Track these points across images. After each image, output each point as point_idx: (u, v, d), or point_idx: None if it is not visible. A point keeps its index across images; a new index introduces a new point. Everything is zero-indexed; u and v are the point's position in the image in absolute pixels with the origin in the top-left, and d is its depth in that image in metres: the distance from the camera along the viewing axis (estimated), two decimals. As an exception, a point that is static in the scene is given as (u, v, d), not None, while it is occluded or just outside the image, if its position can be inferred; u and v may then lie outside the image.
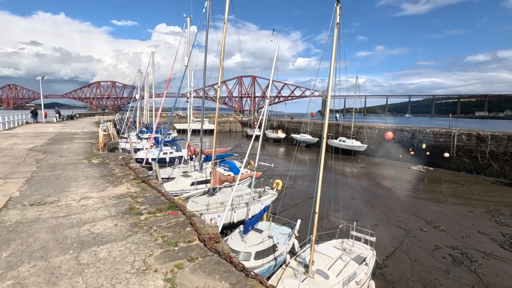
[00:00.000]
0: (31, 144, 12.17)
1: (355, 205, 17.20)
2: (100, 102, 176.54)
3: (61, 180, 6.33)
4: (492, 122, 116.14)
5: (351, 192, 20.63)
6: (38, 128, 21.51)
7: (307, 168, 30.76)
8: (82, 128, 22.66)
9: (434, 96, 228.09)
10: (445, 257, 10.76)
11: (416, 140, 30.20)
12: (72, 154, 9.81)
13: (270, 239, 9.29)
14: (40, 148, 10.98)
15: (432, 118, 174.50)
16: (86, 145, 12.40)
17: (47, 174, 6.89)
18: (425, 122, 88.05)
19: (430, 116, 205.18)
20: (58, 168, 7.60)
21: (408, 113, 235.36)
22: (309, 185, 22.14)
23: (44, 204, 4.80)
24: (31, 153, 9.73)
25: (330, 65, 6.31)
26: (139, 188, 5.79)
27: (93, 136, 16.18)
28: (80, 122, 31.69)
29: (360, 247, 9.32)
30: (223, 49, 11.52)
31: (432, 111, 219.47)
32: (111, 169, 7.46)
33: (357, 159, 34.74)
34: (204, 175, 14.70)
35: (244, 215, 12.74)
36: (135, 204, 4.80)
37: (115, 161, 8.52)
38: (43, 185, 5.94)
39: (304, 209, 16.22)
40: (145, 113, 44.11)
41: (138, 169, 7.22)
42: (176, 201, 4.80)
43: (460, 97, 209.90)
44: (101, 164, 8.12)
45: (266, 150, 44.68)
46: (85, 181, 6.32)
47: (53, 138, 14.66)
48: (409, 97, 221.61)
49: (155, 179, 6.50)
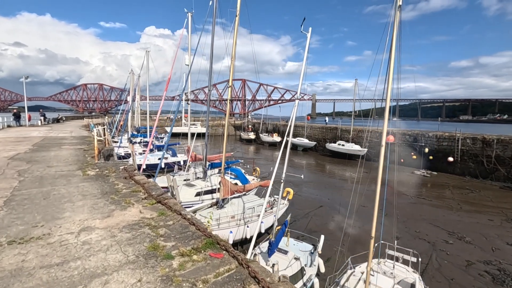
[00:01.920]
0: (12, 151, 10.57)
1: (368, 214, 16.12)
2: (87, 105, 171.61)
3: (51, 201, 4.94)
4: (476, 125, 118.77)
5: (358, 199, 19.66)
6: (21, 132, 19.65)
7: (308, 173, 29.70)
8: (71, 132, 20.91)
9: (420, 100, 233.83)
10: (483, 275, 9.78)
11: (419, 144, 29.66)
12: (62, 164, 8.34)
13: (297, 261, 8.07)
14: (23, 156, 9.43)
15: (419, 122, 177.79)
16: (77, 152, 10.88)
17: (32, 191, 5.47)
18: (412, 125, 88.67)
19: (417, 120, 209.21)
20: (46, 182, 6.17)
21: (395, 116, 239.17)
22: (316, 192, 21.07)
23: (29, 241, 3.44)
24: (13, 163, 8.20)
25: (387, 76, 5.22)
26: (155, 211, 4.47)
27: (84, 141, 14.59)
28: (67, 126, 29.71)
29: (402, 270, 8.20)
30: (234, 43, 10.30)
31: (419, 115, 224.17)
32: (113, 184, 6.08)
33: (356, 163, 33.94)
34: (209, 184, 13.35)
35: (256, 230, 11.49)
36: (158, 239, 3.50)
37: (116, 173, 7.13)
38: (27, 208, 4.54)
39: (316, 220, 15.07)
40: (136, 116, 42.28)
41: (147, 184, 5.88)
42: (216, 237, 3.52)
43: (445, 102, 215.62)
44: (99, 177, 6.72)
45: (261, 154, 43.56)
46: (83, 201, 4.94)
47: (39, 144, 13.03)
48: (397, 101, 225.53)
49: (172, 197, 5.20)
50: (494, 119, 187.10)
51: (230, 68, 10.38)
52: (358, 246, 12.32)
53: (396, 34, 4.95)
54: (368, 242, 9.99)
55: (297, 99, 7.12)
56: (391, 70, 5.09)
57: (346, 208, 17.52)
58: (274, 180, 17.13)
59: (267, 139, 51.42)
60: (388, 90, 5.33)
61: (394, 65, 4.96)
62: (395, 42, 4.97)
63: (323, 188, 22.17)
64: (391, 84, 5.22)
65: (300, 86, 7.03)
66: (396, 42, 4.97)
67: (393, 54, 5.01)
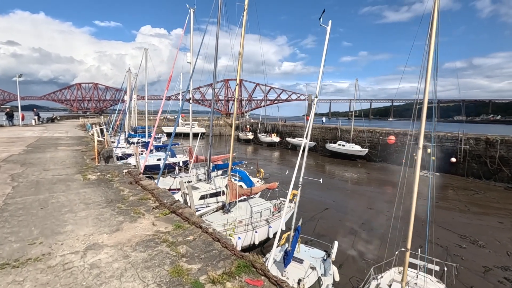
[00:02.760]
0: (5, 152, 9.90)
1: (376, 217, 15.75)
2: (82, 104, 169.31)
3: (50, 211, 4.36)
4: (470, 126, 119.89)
5: (364, 200, 19.29)
6: (14, 132, 18.87)
7: (309, 174, 29.21)
8: (66, 132, 20.16)
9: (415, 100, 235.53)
10: (503, 282, 9.39)
11: (420, 144, 29.38)
12: (60, 167, 7.72)
13: (313, 271, 7.55)
14: (17, 158, 8.78)
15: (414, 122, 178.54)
16: (75, 153, 10.25)
17: (27, 199, 4.87)
18: (407, 126, 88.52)
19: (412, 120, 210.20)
20: (43, 188, 5.57)
21: (391, 117, 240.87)
22: (319, 194, 20.60)
23: (26, 263, 2.87)
24: (5, 166, 7.56)
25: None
26: (170, 224, 3.92)
27: (81, 142, 13.93)
28: (62, 125, 28.88)
29: (426, 280, 7.73)
30: (242, 39, 9.77)
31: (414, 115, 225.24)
32: (118, 190, 5.51)
33: (357, 164, 33.64)
34: (213, 186, 12.78)
35: (265, 234, 10.97)
36: (180, 261, 2.95)
37: (120, 177, 6.54)
38: (22, 220, 3.96)
39: (323, 223, 14.58)
40: (133, 116, 41.51)
41: (156, 190, 5.32)
42: (249, 257, 2.98)
43: (439, 102, 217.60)
44: (101, 182, 6.14)
45: (260, 154, 43.03)
46: (86, 211, 4.37)
47: (33, 145, 12.35)
48: (392, 102, 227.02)
49: (185, 205, 4.65)
50: (488, 120, 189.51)
51: (238, 65, 9.85)
52: (369, 251, 11.91)
53: (436, 26, 4.48)
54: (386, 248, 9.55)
55: (315, 98, 6.61)
56: (430, 65, 4.62)
57: (352, 210, 17.15)
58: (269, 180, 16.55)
59: (265, 139, 50.89)
60: (426, 88, 4.85)
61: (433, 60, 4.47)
62: (434, 35, 4.49)
63: (326, 190, 21.70)
64: (429, 81, 4.74)
65: (319, 83, 6.53)
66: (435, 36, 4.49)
67: (432, 48, 4.52)
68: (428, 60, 4.55)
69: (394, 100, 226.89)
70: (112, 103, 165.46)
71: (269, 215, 11.41)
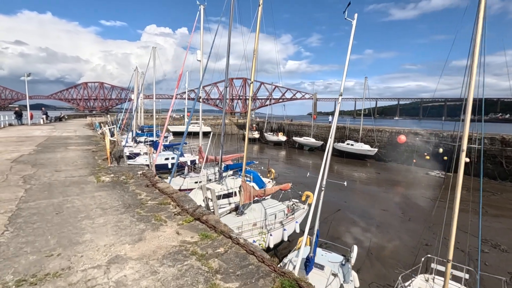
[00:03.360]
0: (15, 152, 9.71)
1: (390, 219, 15.30)
2: (88, 103, 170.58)
3: (65, 217, 4.08)
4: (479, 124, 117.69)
5: (376, 201, 18.81)
6: (23, 131, 18.80)
7: (316, 173, 28.73)
8: (74, 131, 20.05)
9: (422, 99, 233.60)
10: (531, 289, 8.93)
11: (432, 144, 28.76)
12: (72, 167, 7.47)
13: (335, 278, 7.21)
14: (27, 159, 8.57)
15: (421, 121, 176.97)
16: (85, 153, 10.02)
17: (41, 203, 4.61)
18: (414, 124, 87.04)
19: (418, 119, 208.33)
20: (57, 191, 5.31)
21: (397, 115, 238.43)
22: (330, 194, 20.18)
23: (44, 279, 2.58)
24: (16, 167, 7.34)
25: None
26: (195, 233, 3.61)
27: (90, 141, 13.73)
28: (70, 124, 28.86)
29: (456, 290, 7.34)
30: (257, 35, 9.42)
31: (420, 114, 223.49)
32: (134, 194, 5.22)
33: (366, 164, 33.12)
34: (225, 187, 12.48)
35: (279, 237, 10.65)
36: (215, 278, 2.63)
37: (135, 179, 6.26)
38: (37, 228, 3.68)
39: (336, 225, 14.18)
40: (140, 115, 41.44)
41: (175, 194, 5.01)
42: (292, 274, 2.65)
43: (446, 101, 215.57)
44: (116, 184, 5.86)
45: (266, 153, 42.65)
46: (104, 217, 4.08)
47: (43, 144, 12.18)
48: (398, 100, 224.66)
49: (208, 211, 4.33)
50: (496, 118, 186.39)
51: (253, 62, 9.50)
52: (387, 254, 11.50)
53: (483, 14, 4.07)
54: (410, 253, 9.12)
55: (339, 96, 6.24)
56: (475, 59, 4.22)
57: (365, 211, 16.71)
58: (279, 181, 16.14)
59: (272, 138, 50.50)
60: (471, 83, 4.47)
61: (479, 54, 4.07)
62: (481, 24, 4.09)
63: (337, 190, 21.24)
64: (475, 76, 4.35)
65: (344, 80, 6.15)
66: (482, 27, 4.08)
67: (478, 40, 4.12)
68: (474, 55, 4.15)
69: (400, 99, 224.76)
70: (117, 102, 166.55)
71: (283, 217, 11.08)
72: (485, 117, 30.29)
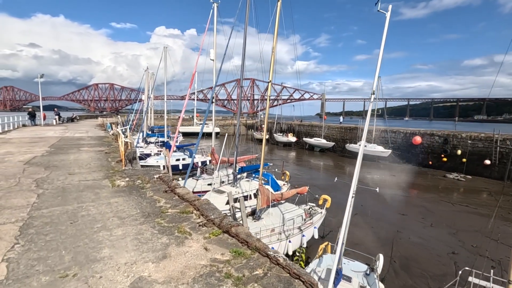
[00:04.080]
0: (28, 153, 9.52)
1: (411, 224, 14.61)
2: (98, 104, 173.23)
3: (80, 227, 3.72)
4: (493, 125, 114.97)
5: (394, 205, 18.10)
6: (36, 131, 18.84)
7: (329, 175, 28.19)
8: (86, 132, 19.99)
9: (432, 99, 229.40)
10: None
11: (450, 145, 27.76)
12: (85, 170, 7.18)
13: (364, 291, 6.70)
14: (40, 160, 8.33)
15: (431, 122, 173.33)
16: (98, 155, 9.76)
17: (55, 211, 4.27)
18: (424, 125, 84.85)
19: (429, 120, 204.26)
20: (71, 197, 4.97)
21: (407, 116, 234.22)
22: (345, 197, 19.53)
23: (59, 309, 2.18)
24: (29, 169, 7.09)
25: None
26: (226, 248, 3.18)
27: (102, 142, 13.53)
28: (82, 125, 28.99)
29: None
30: (276, 31, 8.99)
31: (431, 114, 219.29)
32: (152, 200, 4.84)
33: (379, 165, 32.26)
34: (239, 190, 12.07)
35: (298, 243, 10.16)
36: (259, 310, 2.19)
37: (151, 183, 5.90)
38: (51, 241, 3.32)
39: (355, 230, 13.54)
40: (150, 116, 41.50)
41: (197, 202, 4.61)
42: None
43: (458, 101, 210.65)
44: (132, 189, 5.50)
45: (276, 154, 42.13)
46: (122, 228, 3.70)
47: (55, 145, 12.01)
48: (408, 101, 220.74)
49: (237, 222, 3.91)
50: (510, 119, 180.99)
51: (271, 59, 9.06)
52: (412, 263, 10.87)
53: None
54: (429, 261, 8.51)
55: (372, 94, 5.74)
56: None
57: (384, 216, 16.02)
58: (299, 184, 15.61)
59: (282, 139, 49.95)
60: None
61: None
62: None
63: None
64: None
65: (376, 78, 5.65)
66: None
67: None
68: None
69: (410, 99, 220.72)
70: (127, 103, 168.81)
71: (301, 222, 10.59)
72: (498, 118, 29.21)
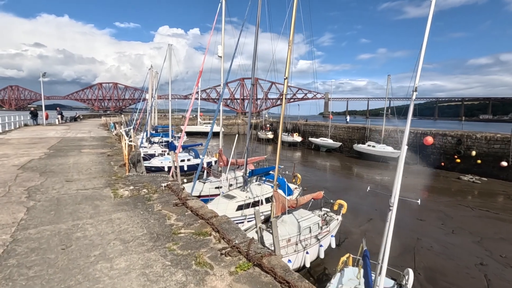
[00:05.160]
0: (25, 156, 8.84)
1: (431, 231, 13.75)
2: (102, 103, 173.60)
3: (74, 255, 2.97)
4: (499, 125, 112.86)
5: (410, 210, 17.17)
6: (38, 131, 18.23)
7: (337, 177, 27.38)
8: (89, 132, 19.36)
9: (437, 99, 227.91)
10: None
11: (464, 146, 26.77)
12: (85, 176, 6.46)
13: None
14: (36, 165, 7.64)
15: (436, 121, 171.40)
16: (100, 158, 9.06)
17: (45, 231, 3.54)
18: (429, 124, 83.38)
19: (434, 119, 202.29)
20: (65, 211, 4.25)
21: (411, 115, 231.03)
22: (357, 201, 18.74)
23: None
24: (22, 175, 6.38)
25: None
26: (260, 290, 2.42)
27: (105, 144, 12.85)
28: (84, 125, 28.41)
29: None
30: (293, 22, 8.21)
31: (436, 114, 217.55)
32: (161, 216, 4.09)
33: (388, 167, 31.29)
34: (250, 195, 11.31)
35: (315, 254, 9.39)
36: None
37: (159, 193, 5.16)
38: (34, 277, 2.58)
39: (372, 238, 12.65)
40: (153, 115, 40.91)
41: (214, 218, 3.85)
42: None
43: (463, 100, 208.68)
44: (137, 201, 4.76)
45: (281, 154, 41.15)
46: (125, 256, 2.95)
47: (55, 147, 11.34)
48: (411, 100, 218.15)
49: (267, 249, 3.16)
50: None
51: (288, 55, 8.29)
52: (438, 275, 10.03)
53: None
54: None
55: (413, 91, 4.96)
56: None
57: (401, 221, 15.03)
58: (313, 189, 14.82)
59: (287, 139, 49.05)
60: None
61: None
62: None
63: (364, 197, 19.67)
64: None
65: (418, 74, 4.87)
66: None
67: None
68: None
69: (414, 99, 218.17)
70: (130, 102, 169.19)
71: (317, 231, 9.81)
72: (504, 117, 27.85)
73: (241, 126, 74.39)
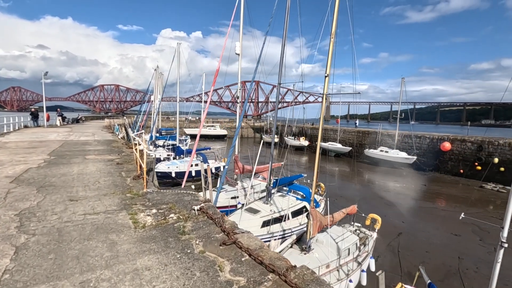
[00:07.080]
0: (21, 164, 7.59)
1: (472, 249, 12.43)
2: (104, 105, 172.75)
3: None
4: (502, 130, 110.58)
5: (439, 222, 15.87)
6: (38, 133, 17.01)
7: (351, 184, 25.99)
8: (93, 134, 18.12)
9: (439, 103, 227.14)
10: None
11: (485, 152, 25.47)
12: (93, 193, 5.20)
13: None
14: (34, 175, 6.38)
15: (437, 126, 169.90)
16: (108, 167, 7.80)
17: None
18: (430, 129, 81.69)
19: (435, 124, 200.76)
20: (70, 252, 2.99)
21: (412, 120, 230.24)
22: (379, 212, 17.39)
23: None
24: (16, 191, 5.13)
25: None
26: None
27: (111, 149, 11.60)
28: (87, 127, 27.21)
29: None
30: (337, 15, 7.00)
31: (437, 118, 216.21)
32: (209, 264, 2.82)
33: (402, 173, 29.94)
34: (275, 208, 10.01)
35: (356, 280, 8.08)
36: None
37: (193, 220, 3.89)
38: None
39: (407, 256, 11.38)
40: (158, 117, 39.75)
41: (292, 271, 2.58)
42: None
43: (465, 105, 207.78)
44: (168, 234, 3.49)
45: (287, 158, 39.90)
46: None
47: (57, 152, 10.10)
48: (414, 104, 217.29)
49: None
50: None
51: (330, 49, 7.06)
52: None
53: None
54: None
55: None
56: None
57: (433, 236, 13.73)
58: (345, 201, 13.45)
59: (293, 142, 47.77)
60: None
61: None
62: None
63: (385, 206, 18.37)
64: None
65: None
66: None
67: None
68: None
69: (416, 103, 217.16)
70: (132, 104, 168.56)
71: (356, 252, 8.51)
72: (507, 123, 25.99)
73: (245, 129, 72.97)
